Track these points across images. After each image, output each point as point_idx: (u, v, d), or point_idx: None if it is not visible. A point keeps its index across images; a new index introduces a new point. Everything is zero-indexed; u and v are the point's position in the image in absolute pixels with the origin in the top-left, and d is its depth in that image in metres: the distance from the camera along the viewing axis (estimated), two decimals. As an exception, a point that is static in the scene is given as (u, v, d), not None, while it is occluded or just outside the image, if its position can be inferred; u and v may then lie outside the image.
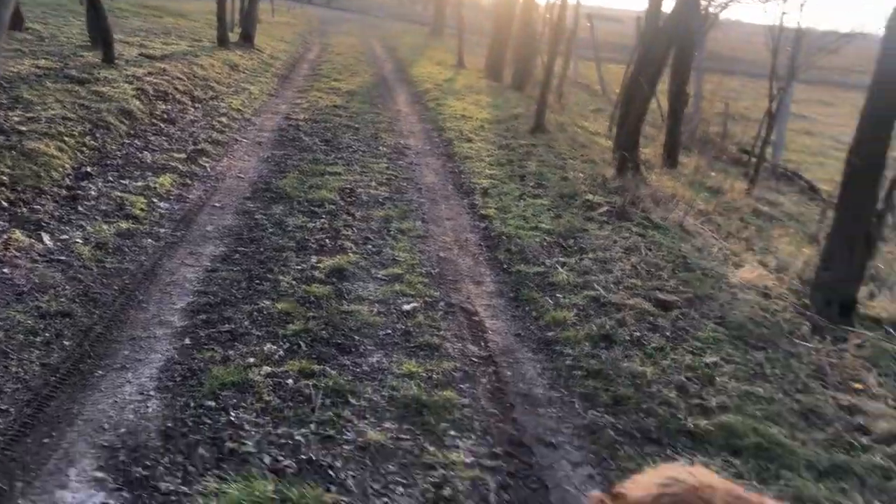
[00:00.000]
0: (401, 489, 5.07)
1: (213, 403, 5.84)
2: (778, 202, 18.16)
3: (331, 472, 5.13)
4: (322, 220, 10.51)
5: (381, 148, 15.54)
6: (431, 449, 5.57)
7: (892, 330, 9.27)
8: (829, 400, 7.17)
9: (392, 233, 10.42)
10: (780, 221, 16.00)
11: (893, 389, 7.70)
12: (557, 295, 8.94)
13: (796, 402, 6.99)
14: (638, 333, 8.01)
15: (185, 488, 4.87)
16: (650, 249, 10.92)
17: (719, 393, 6.89)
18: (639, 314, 8.53)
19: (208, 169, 12.64)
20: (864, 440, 6.52)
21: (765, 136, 19.59)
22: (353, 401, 6.11)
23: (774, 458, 5.86)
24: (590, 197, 13.25)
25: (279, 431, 5.55)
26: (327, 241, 9.75)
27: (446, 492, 5.05)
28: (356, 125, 17.30)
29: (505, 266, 9.87)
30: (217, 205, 10.85)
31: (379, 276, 8.89)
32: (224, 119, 16.18)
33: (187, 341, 6.79)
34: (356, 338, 7.24)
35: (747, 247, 12.82)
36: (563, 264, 9.93)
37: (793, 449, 6.01)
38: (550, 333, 7.95)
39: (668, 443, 6.05)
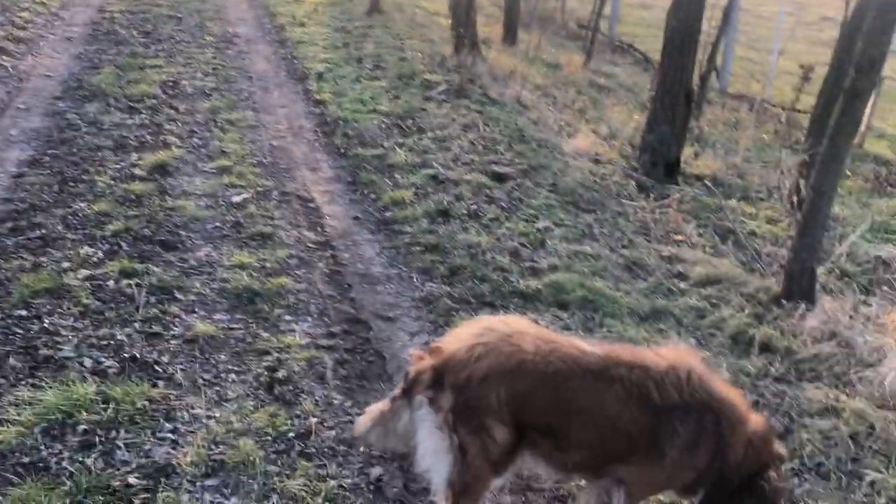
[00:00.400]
0: (233, 377, 4.97)
1: (24, 312, 5.44)
2: (613, 74, 18.60)
3: (157, 368, 4.94)
4: (142, 116, 9.81)
5: (206, 37, 14.56)
6: (265, 335, 5.47)
7: (710, 185, 9.86)
8: (651, 252, 7.59)
9: (220, 124, 9.89)
10: (614, 92, 16.44)
11: (710, 238, 8.25)
12: (396, 175, 8.86)
13: (622, 257, 7.36)
14: (475, 206, 8.10)
15: (-5, 402, 4.56)
16: (487, 125, 10.97)
17: (550, 255, 7.13)
18: (476, 188, 8.61)
19: (10, 69, 11.42)
20: (683, 285, 6.98)
21: (599, 10, 19.86)
22: (180, 296, 5.86)
23: (599, 308, 6.18)
24: (428, 76, 13.08)
25: (100, 333, 5.26)
26: (148, 136, 9.14)
27: (281, 374, 4.99)
28: (179, 15, 16.07)
29: (342, 151, 9.63)
30: (22, 107, 9.87)
31: (206, 169, 8.47)
32: (26, 14, 14.59)
33: (-8, 253, 6.25)
34: (182, 233, 6.90)
35: (581, 117, 13.15)
36: (402, 145, 9.81)
37: (616, 299, 6.35)
38: (389, 214, 7.90)
39: (502, 304, 6.23)
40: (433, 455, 3.47)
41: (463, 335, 3.53)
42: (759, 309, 6.54)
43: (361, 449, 4.41)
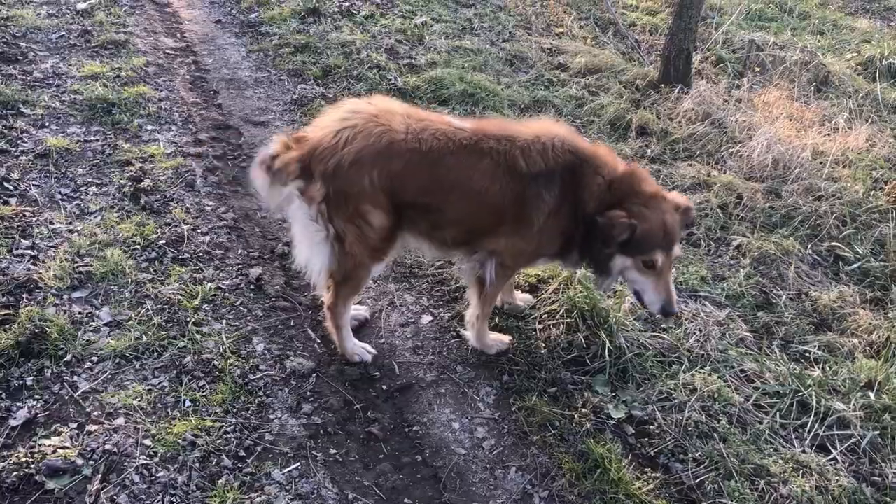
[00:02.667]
0: (94, 189, 4.64)
1: None
2: None
3: (7, 186, 4.55)
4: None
5: None
6: (126, 146, 5.09)
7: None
8: (533, 45, 7.41)
9: (54, -77, 8.75)
10: None
11: (591, 30, 8.10)
12: (261, -27, 8.17)
13: (503, 51, 7.16)
14: (347, 3, 7.61)
15: None
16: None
17: (429, 51, 6.85)
18: (348, -16, 8.06)
19: None
20: (563, 76, 6.89)
21: None
22: (26, 110, 5.34)
23: (479, 102, 6.04)
24: None
25: (-64, 154, 4.77)
26: (-30, -61, 8.01)
27: (146, 184, 4.69)
28: None
29: (198, -50, 8.76)
30: None
31: (44, -26, 7.55)
32: None
33: None
34: (23, 45, 6.21)
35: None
36: (265, -58, 8.99)
37: (497, 92, 6.21)
38: (254, 15, 7.34)
39: (380, 103, 5.99)
40: (309, 248, 3.36)
41: (328, 121, 3.31)
42: (636, 95, 6.56)
43: (239, 252, 4.27)
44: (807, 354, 3.90)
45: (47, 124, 5.25)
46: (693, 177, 5.40)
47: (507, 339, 3.76)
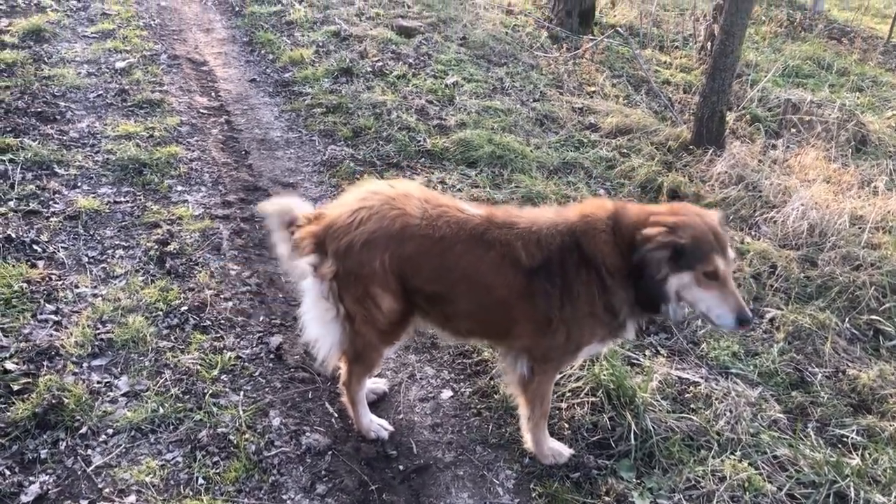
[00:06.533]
0: (121, 252, 4.67)
1: None
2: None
3: (36, 248, 4.60)
4: (10, -23, 8.87)
5: None
6: (155, 207, 5.14)
7: (625, 34, 9.59)
8: (564, 105, 7.39)
9: (100, -16, 9.04)
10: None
11: (623, 89, 8.07)
12: (295, 34, 8.31)
13: (533, 111, 7.14)
14: (380, 64, 7.68)
15: None
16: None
17: (459, 111, 6.86)
18: (381, 44, 8.16)
19: None
20: (594, 137, 6.84)
21: None
22: (60, 171, 5.44)
23: (508, 164, 6.00)
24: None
25: (-31, 216, 4.85)
26: (19, 0, 8.29)
27: (172, 247, 4.71)
28: None
29: (237, 9, 8.98)
30: None
31: (87, 33, 7.77)
32: None
33: None
34: (61, 104, 6.36)
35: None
36: (302, 0, 9.18)
37: (526, 153, 6.17)
38: (288, 74, 7.44)
39: (408, 165, 5.99)
40: (320, 325, 3.30)
41: (347, 200, 3.28)
42: (669, 157, 6.48)
43: (261, 319, 4.24)
44: (844, 439, 3.72)
45: (79, 185, 5.32)
46: (726, 244, 5.26)
47: (567, 452, 3.48)
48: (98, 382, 3.68)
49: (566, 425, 3.66)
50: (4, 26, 7.60)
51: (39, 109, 6.19)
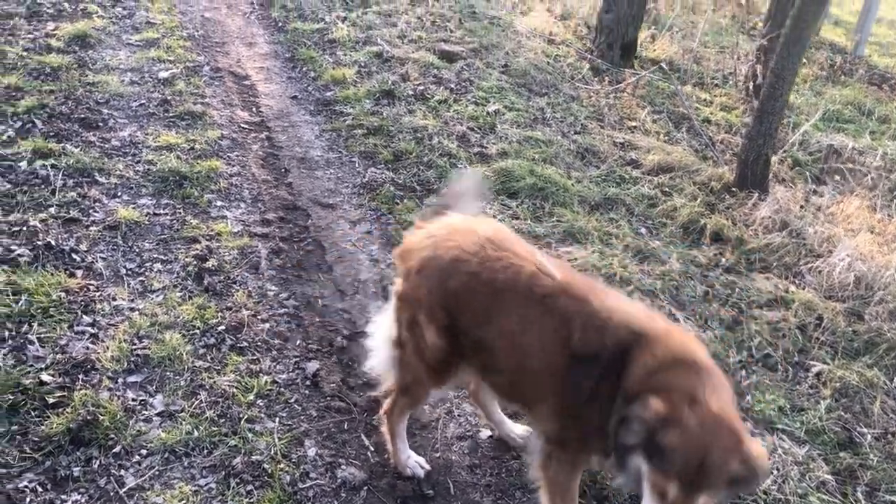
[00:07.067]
0: (159, 266, 4.63)
1: (-76, 196, 4.96)
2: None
3: (75, 257, 4.57)
4: (58, -19, 8.96)
5: None
6: (194, 222, 5.10)
7: (666, 69, 9.53)
8: (605, 139, 7.32)
9: (146, -7, 9.11)
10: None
11: (664, 125, 7.99)
12: (338, 52, 8.32)
13: (574, 143, 7.07)
14: (422, 87, 7.66)
15: None
16: (437, 0, 10.36)
17: (500, 140, 6.80)
18: (423, 67, 8.14)
19: None
20: (635, 173, 6.76)
21: None
22: (101, 179, 5.42)
23: (549, 197, 5.92)
24: (373, -54, 12.24)
25: (10, 219, 4.82)
26: (66, 5, 8.36)
27: (211, 263, 4.67)
28: None
29: (280, 24, 9.00)
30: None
31: (131, 41, 7.81)
32: None
33: None
34: (104, 111, 6.37)
35: (536, -5, 12.53)
36: (345, 19, 9.20)
37: (567, 186, 6.10)
38: (329, 93, 7.42)
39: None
40: (380, 340, 3.37)
41: (432, 227, 3.27)
42: (711, 198, 6.38)
43: (298, 343, 4.18)
44: (895, 506, 3.60)
45: (119, 194, 5.30)
46: (770, 292, 5.16)
47: None
48: (133, 400, 3.62)
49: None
50: (51, 30, 7.65)
51: (83, 115, 6.19)
